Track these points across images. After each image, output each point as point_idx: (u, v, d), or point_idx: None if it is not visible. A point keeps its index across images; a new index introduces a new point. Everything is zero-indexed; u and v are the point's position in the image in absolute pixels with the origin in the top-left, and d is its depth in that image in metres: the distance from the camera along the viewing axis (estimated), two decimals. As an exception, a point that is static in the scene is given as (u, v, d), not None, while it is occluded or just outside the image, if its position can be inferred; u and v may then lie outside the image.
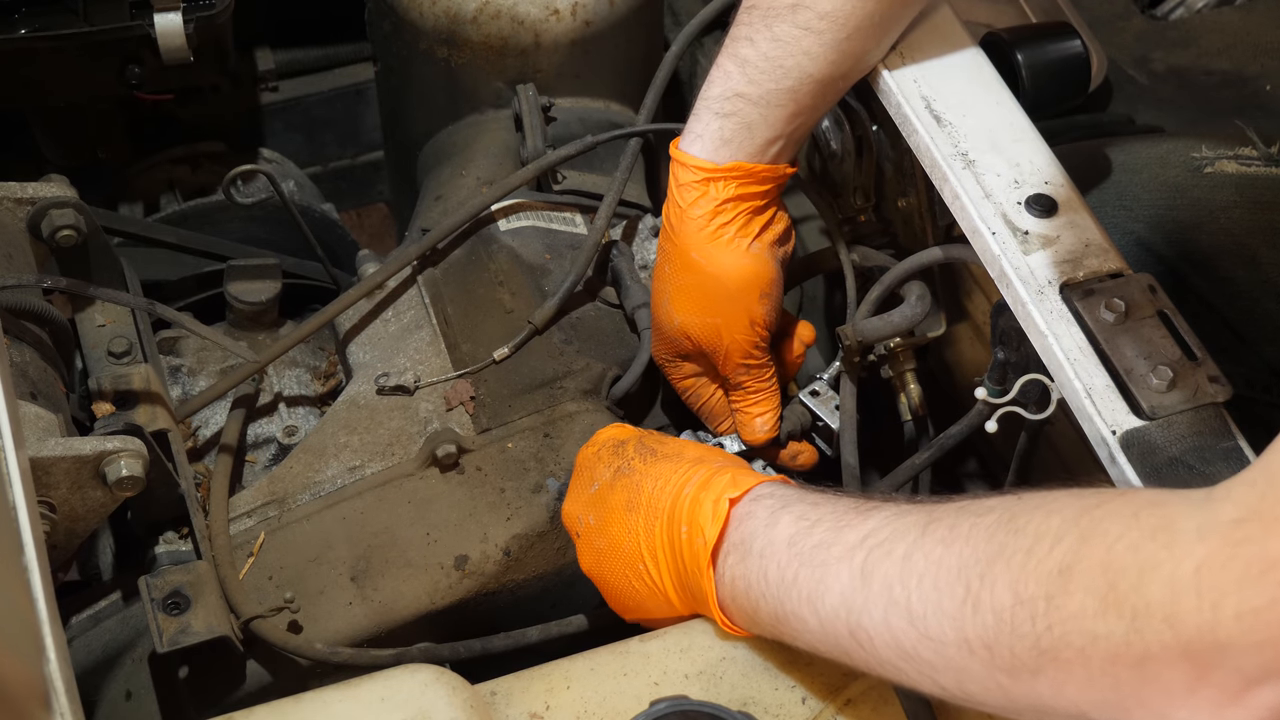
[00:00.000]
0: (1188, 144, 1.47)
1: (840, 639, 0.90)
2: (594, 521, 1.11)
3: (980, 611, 0.80)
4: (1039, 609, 0.77)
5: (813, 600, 0.91)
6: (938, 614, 0.83)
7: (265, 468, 1.38)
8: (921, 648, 0.84)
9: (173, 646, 1.12)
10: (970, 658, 0.81)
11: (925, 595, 0.83)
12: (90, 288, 1.26)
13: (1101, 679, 0.75)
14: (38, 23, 1.52)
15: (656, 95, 1.44)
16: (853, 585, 0.88)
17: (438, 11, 1.54)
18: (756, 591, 0.97)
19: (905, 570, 0.85)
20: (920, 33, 1.24)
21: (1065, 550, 0.77)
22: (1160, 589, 0.72)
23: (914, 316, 1.28)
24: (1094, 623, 0.74)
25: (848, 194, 1.41)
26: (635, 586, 1.09)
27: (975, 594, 0.80)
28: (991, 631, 0.79)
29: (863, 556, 0.88)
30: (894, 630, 0.85)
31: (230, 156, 1.84)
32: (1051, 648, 0.76)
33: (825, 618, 0.90)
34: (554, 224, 1.44)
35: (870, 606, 0.87)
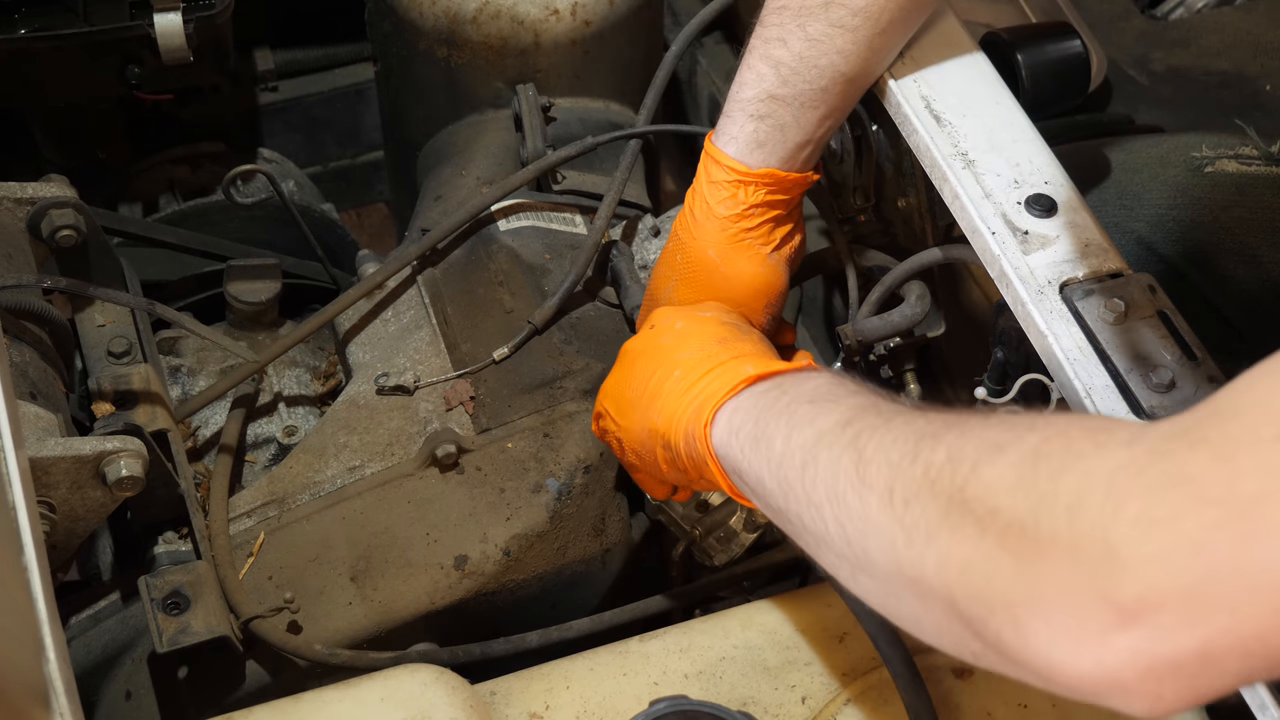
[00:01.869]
0: (1188, 143, 1.47)
1: (791, 469, 0.90)
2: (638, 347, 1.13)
3: (916, 464, 0.80)
4: (962, 472, 0.76)
5: (792, 429, 0.92)
6: (881, 462, 0.82)
7: (265, 468, 1.38)
8: (850, 491, 0.84)
9: (173, 646, 1.12)
10: (886, 510, 0.80)
11: (881, 446, 0.83)
12: (90, 288, 1.26)
13: (983, 562, 0.74)
14: (38, 23, 1.52)
15: (656, 95, 1.44)
16: (832, 426, 0.88)
17: (438, 11, 1.54)
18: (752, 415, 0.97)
19: (879, 425, 0.85)
20: (920, 33, 1.24)
21: (1011, 433, 0.76)
22: (1074, 480, 0.70)
23: (914, 316, 1.28)
24: (1002, 496, 0.73)
25: (848, 194, 1.41)
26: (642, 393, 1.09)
27: (919, 449, 0.80)
28: (915, 485, 0.79)
29: (855, 410, 0.89)
30: (839, 469, 0.85)
31: (230, 156, 1.84)
32: (956, 515, 0.75)
33: (793, 446, 0.90)
34: (554, 224, 1.44)
35: (834, 444, 0.87)
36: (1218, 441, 0.67)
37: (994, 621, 0.73)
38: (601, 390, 1.16)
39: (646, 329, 1.16)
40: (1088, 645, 0.69)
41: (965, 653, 0.78)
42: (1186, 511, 0.66)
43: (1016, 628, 0.72)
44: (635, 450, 1.11)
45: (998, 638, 0.73)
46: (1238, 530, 0.64)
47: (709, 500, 1.24)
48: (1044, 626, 0.70)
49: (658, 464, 1.08)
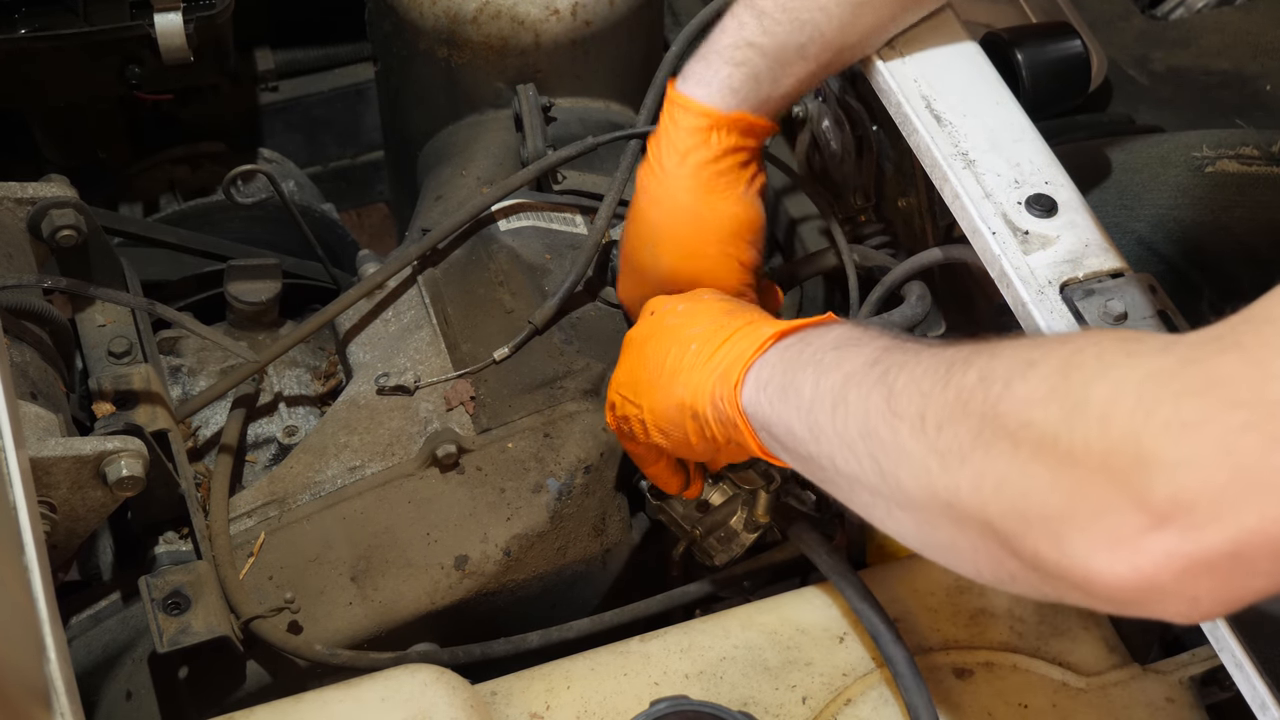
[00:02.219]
0: (1189, 143, 1.47)
1: (822, 412, 0.90)
2: (653, 323, 1.13)
3: (948, 389, 0.80)
4: (995, 390, 0.76)
5: (820, 375, 0.91)
6: (912, 391, 0.82)
7: (265, 468, 1.38)
8: (882, 424, 0.84)
9: (173, 647, 1.12)
10: (918, 437, 0.80)
11: (912, 376, 0.83)
12: (90, 288, 1.26)
13: (1018, 477, 0.74)
14: (38, 23, 1.52)
15: (656, 95, 1.44)
16: (860, 366, 0.88)
17: (438, 11, 1.54)
18: (780, 366, 0.97)
19: (908, 359, 0.85)
20: (920, 32, 1.24)
21: (1041, 349, 0.77)
22: (1106, 389, 0.71)
23: (914, 316, 1.28)
24: (1034, 410, 0.74)
25: (848, 194, 1.41)
26: (666, 361, 1.08)
27: (951, 374, 0.80)
28: (948, 409, 0.79)
29: (883, 349, 0.89)
30: (869, 404, 0.85)
31: (230, 156, 1.84)
32: (989, 433, 0.76)
33: (822, 391, 0.90)
34: (554, 224, 1.44)
35: (863, 381, 0.87)
36: (1250, 346, 0.68)
37: (1031, 536, 0.73)
38: (613, 381, 1.16)
39: (646, 315, 1.16)
40: (1123, 550, 0.69)
41: (1003, 575, 0.78)
42: (1216, 415, 0.66)
43: (1054, 540, 0.72)
44: (662, 428, 1.10)
45: (1035, 553, 0.73)
46: (1267, 432, 0.65)
47: (709, 500, 1.24)
48: (1080, 536, 0.71)
49: (687, 438, 1.07)
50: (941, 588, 1.11)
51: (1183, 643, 1.10)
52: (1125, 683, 1.06)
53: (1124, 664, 1.07)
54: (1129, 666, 1.07)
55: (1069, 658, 1.07)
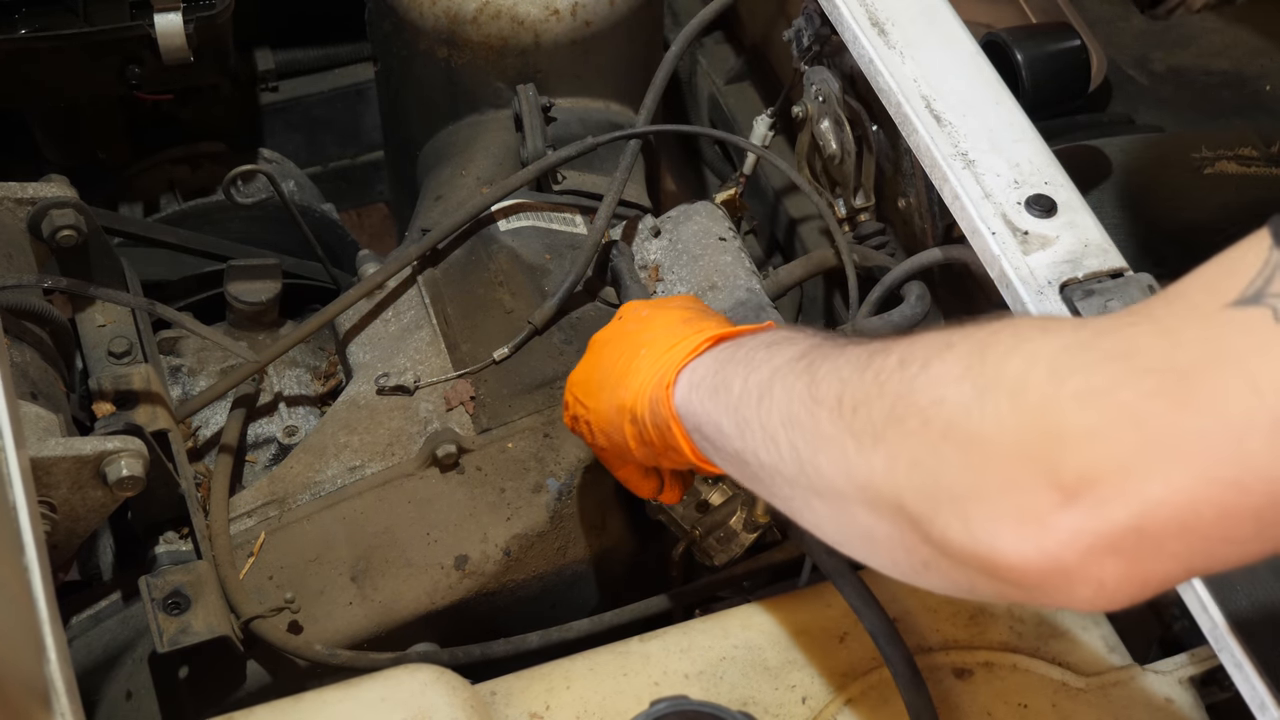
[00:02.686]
0: (1188, 144, 1.47)
1: (748, 407, 0.88)
2: (607, 334, 1.12)
3: (867, 372, 0.79)
4: (911, 370, 0.76)
5: (749, 371, 0.90)
6: (833, 377, 0.82)
7: (265, 468, 1.38)
8: (803, 410, 0.83)
9: (173, 646, 1.12)
10: (835, 420, 0.79)
11: (835, 364, 0.83)
12: (90, 288, 1.26)
13: (929, 456, 0.73)
14: (38, 23, 1.52)
15: (656, 95, 1.44)
16: (788, 360, 0.87)
17: (438, 11, 1.54)
18: (712, 367, 0.96)
19: (835, 350, 0.85)
20: (920, 32, 1.24)
21: (962, 333, 0.76)
22: (1019, 362, 0.70)
23: (914, 316, 1.28)
24: (947, 387, 0.73)
25: (848, 194, 1.41)
26: (613, 365, 1.07)
27: (872, 359, 0.79)
28: (865, 390, 0.78)
29: (813, 343, 0.88)
30: (792, 393, 0.84)
31: (230, 156, 1.84)
32: (903, 411, 0.75)
33: (750, 386, 0.89)
34: (554, 224, 1.44)
35: (789, 373, 0.86)
36: (1162, 317, 0.68)
37: (940, 517, 0.72)
38: (570, 380, 1.15)
39: (614, 320, 1.15)
40: (1029, 529, 0.68)
41: (917, 563, 0.77)
42: (1125, 382, 0.66)
43: (962, 520, 0.71)
44: (604, 430, 1.09)
45: (944, 535, 0.72)
46: (1173, 398, 0.64)
47: (709, 500, 1.24)
48: (988, 514, 0.70)
49: (626, 442, 1.06)
50: (941, 588, 1.11)
51: (1183, 643, 1.10)
52: (1125, 683, 1.06)
53: (1124, 664, 1.07)
54: (1129, 666, 1.06)
55: (1069, 658, 1.07)
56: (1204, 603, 0.92)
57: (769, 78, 1.86)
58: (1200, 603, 0.93)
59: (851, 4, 1.26)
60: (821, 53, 1.39)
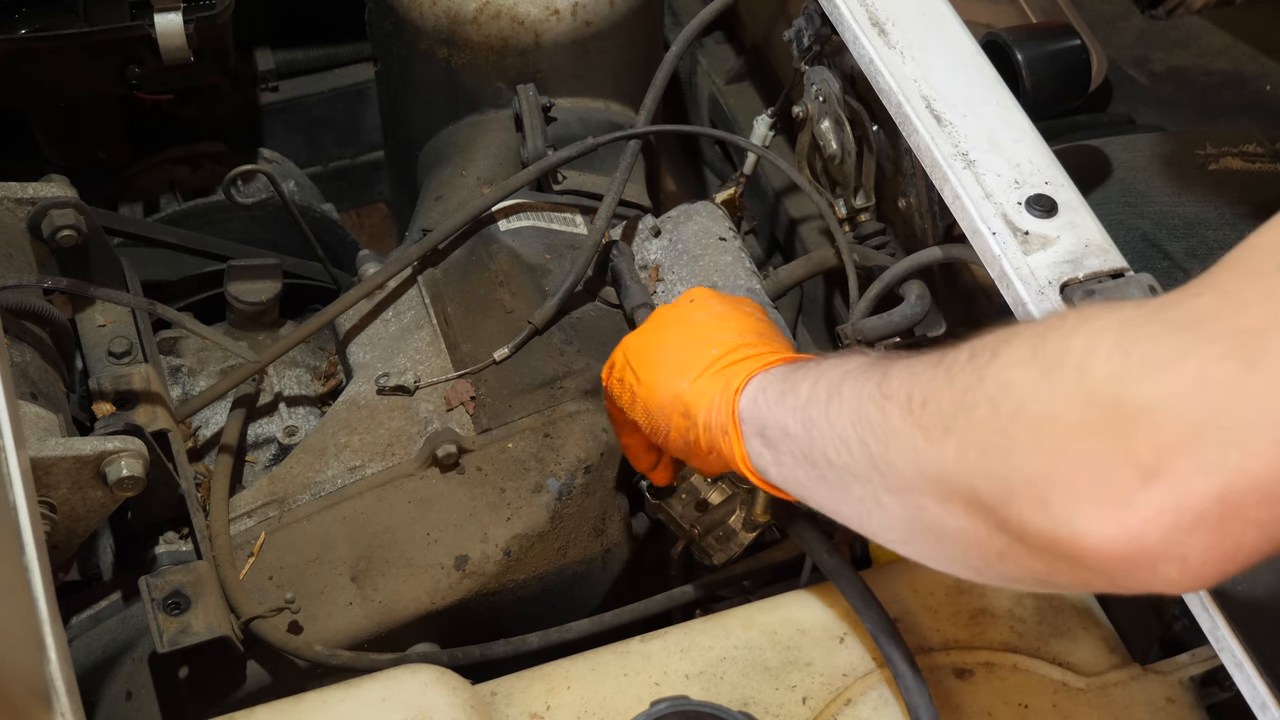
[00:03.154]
0: (1191, 141, 1.47)
1: (818, 407, 0.88)
2: (665, 319, 1.12)
3: (939, 368, 0.78)
4: (981, 360, 0.75)
5: (819, 375, 0.90)
6: (903, 374, 0.81)
7: (265, 468, 1.38)
8: (873, 408, 0.82)
9: (173, 646, 1.12)
10: (905, 415, 0.79)
11: (906, 363, 0.82)
12: (90, 288, 1.26)
13: (1000, 441, 0.72)
14: (38, 23, 1.52)
15: (656, 95, 1.44)
16: (861, 364, 0.88)
17: (438, 12, 1.54)
18: (781, 375, 0.96)
19: (913, 356, 0.84)
20: (920, 33, 1.24)
21: (1029, 324, 0.76)
22: (1083, 340, 0.70)
23: (914, 316, 1.28)
24: (1014, 370, 0.72)
25: (848, 194, 1.41)
26: (673, 353, 1.08)
27: (942, 356, 0.79)
28: (935, 384, 0.78)
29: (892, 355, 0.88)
30: (863, 392, 0.84)
31: (230, 156, 1.84)
32: (971, 400, 0.74)
33: (820, 388, 0.89)
34: (554, 224, 1.44)
35: (860, 375, 0.86)
36: (1223, 283, 0.68)
37: (1016, 502, 0.71)
38: (626, 341, 1.14)
39: (685, 302, 1.14)
40: (1111, 510, 0.67)
41: (991, 555, 0.76)
42: (1192, 350, 0.65)
43: (1040, 504, 0.70)
44: (649, 410, 1.08)
45: (1021, 520, 0.71)
46: (1241, 360, 0.64)
47: (708, 499, 1.24)
48: (1066, 496, 0.69)
49: (668, 431, 1.06)
50: (942, 588, 1.11)
51: (1183, 643, 1.10)
52: (1125, 683, 1.06)
53: (1124, 664, 1.07)
54: (1129, 666, 1.06)
55: (1069, 658, 1.07)
56: (1204, 603, 0.92)
57: (769, 78, 1.86)
58: (1200, 603, 0.93)
59: (852, 4, 1.26)
60: (822, 53, 1.39)
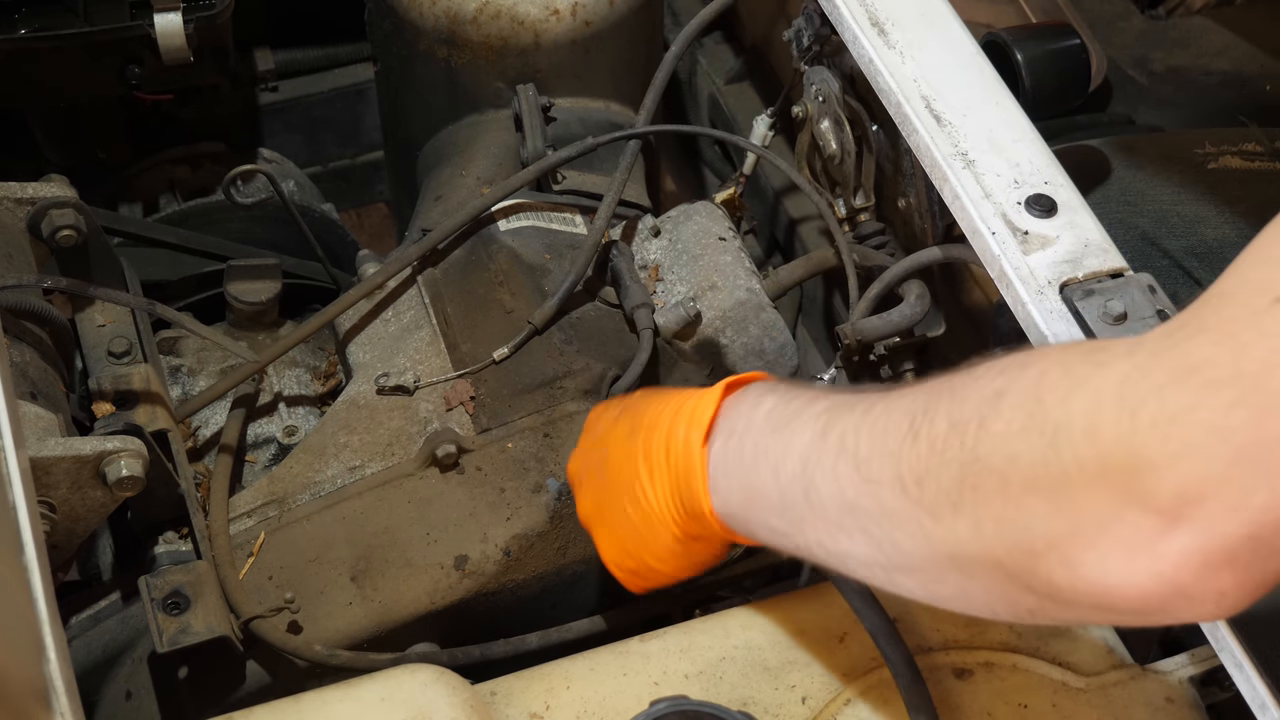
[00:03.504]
0: (1191, 140, 1.47)
1: (795, 503, 0.87)
2: (596, 460, 1.08)
3: (918, 442, 0.78)
4: (969, 432, 0.74)
5: (776, 465, 0.89)
6: (880, 453, 0.80)
7: (265, 468, 1.38)
8: (861, 496, 0.81)
9: (173, 646, 1.12)
10: (901, 497, 0.78)
11: (874, 438, 0.81)
12: (90, 288, 1.26)
13: (1017, 512, 0.72)
14: (38, 23, 1.52)
15: (656, 95, 1.44)
16: (811, 442, 0.86)
17: (438, 12, 1.54)
18: (734, 471, 0.93)
19: (861, 421, 0.83)
20: (920, 33, 1.24)
21: (1004, 377, 0.75)
22: (1084, 402, 0.69)
23: (913, 316, 1.28)
24: (1015, 442, 0.72)
25: (847, 194, 1.41)
26: (631, 516, 1.03)
27: (917, 427, 0.78)
28: (924, 462, 0.77)
29: (827, 417, 0.86)
30: (839, 480, 0.83)
31: (230, 156, 1.84)
32: (974, 475, 0.74)
33: (785, 482, 0.88)
34: (554, 224, 1.44)
35: (823, 458, 0.85)
36: (1215, 324, 0.67)
37: (1042, 567, 0.72)
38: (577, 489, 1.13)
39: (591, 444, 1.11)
40: (1140, 559, 0.67)
41: (1021, 612, 0.76)
42: (1201, 400, 0.65)
43: (1066, 564, 0.70)
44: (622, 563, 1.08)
45: (1049, 582, 0.72)
46: (1254, 405, 0.64)
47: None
48: (1092, 553, 0.69)
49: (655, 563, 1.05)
50: (941, 588, 1.11)
51: (1183, 643, 1.10)
52: (1125, 683, 1.06)
53: (1124, 664, 1.07)
54: (1129, 666, 1.06)
55: (1069, 658, 1.07)
56: (1204, 603, 0.92)
57: (769, 78, 1.86)
58: (1200, 603, 0.93)
59: (851, 4, 1.26)
60: (821, 53, 1.39)
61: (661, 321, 1.35)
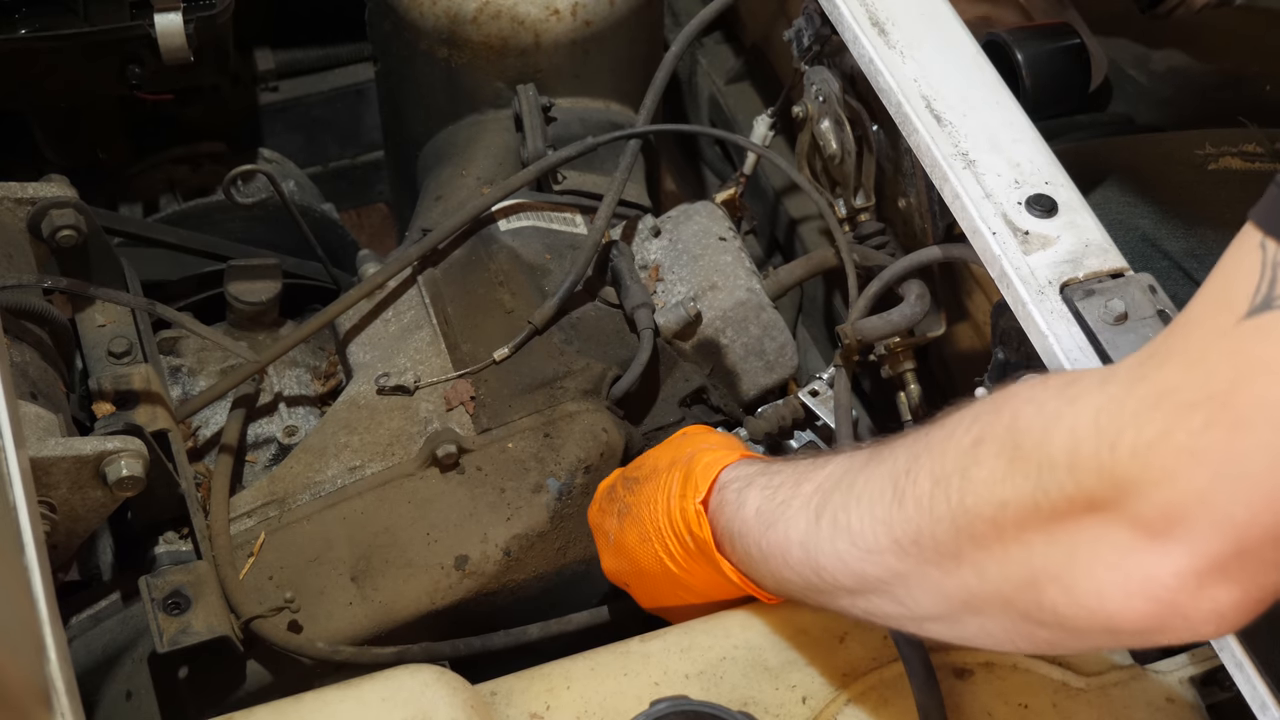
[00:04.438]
0: (1191, 141, 1.47)
1: (813, 584, 0.91)
2: (629, 566, 1.14)
3: (905, 505, 0.80)
4: (953, 485, 0.77)
5: (784, 555, 0.93)
6: (872, 523, 0.83)
7: (265, 468, 1.38)
8: (866, 566, 0.84)
9: (173, 646, 1.12)
10: (904, 559, 0.81)
11: (862, 510, 0.84)
12: (90, 288, 1.26)
13: (1016, 551, 0.74)
14: (38, 23, 1.52)
15: (656, 95, 1.44)
16: (808, 528, 0.90)
17: (438, 11, 1.54)
18: (754, 570, 1.00)
19: (848, 497, 0.86)
20: (920, 32, 1.24)
21: (979, 425, 0.77)
22: (1063, 439, 0.71)
23: (913, 315, 1.28)
24: (1001, 487, 0.74)
25: (848, 194, 1.41)
26: (684, 598, 1.11)
27: (901, 490, 0.81)
28: (914, 523, 0.79)
29: (817, 500, 0.90)
30: (842, 557, 0.86)
31: (230, 156, 1.84)
32: (967, 524, 0.76)
33: (798, 569, 0.92)
34: (554, 224, 1.44)
35: (822, 541, 0.88)
36: (1183, 349, 0.69)
37: (1047, 600, 0.74)
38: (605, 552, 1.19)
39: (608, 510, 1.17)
40: (1133, 582, 0.69)
41: (1041, 645, 0.79)
42: (1174, 424, 0.67)
43: (1068, 594, 0.73)
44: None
45: (1055, 613, 0.74)
46: (1225, 423, 0.65)
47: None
48: (1089, 581, 0.71)
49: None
50: (941, 588, 1.11)
51: (1183, 643, 1.10)
52: (1125, 683, 1.06)
53: (1124, 664, 1.07)
54: (1129, 666, 1.06)
55: (1069, 658, 1.07)
56: (1204, 603, 0.92)
57: (769, 78, 1.86)
58: (1201, 603, 0.93)
59: (851, 4, 1.26)
60: (822, 53, 1.39)
61: (662, 321, 1.35)
